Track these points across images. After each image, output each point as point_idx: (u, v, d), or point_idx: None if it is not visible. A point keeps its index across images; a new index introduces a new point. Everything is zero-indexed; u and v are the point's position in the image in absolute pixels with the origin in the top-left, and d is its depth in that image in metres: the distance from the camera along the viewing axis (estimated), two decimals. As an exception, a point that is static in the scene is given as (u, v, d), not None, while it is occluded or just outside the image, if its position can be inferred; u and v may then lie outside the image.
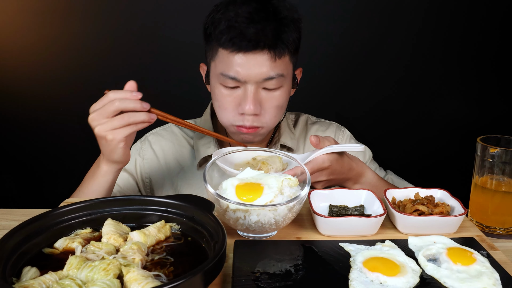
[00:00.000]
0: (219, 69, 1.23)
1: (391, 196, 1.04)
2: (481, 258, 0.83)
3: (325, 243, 0.90)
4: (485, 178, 1.05)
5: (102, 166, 1.15)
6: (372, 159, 1.49)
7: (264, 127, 1.28)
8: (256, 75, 1.20)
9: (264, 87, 1.23)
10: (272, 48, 1.19)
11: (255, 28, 1.16)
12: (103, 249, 0.77)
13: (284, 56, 1.22)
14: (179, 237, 0.84)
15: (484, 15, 2.22)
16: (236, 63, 1.19)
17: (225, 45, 1.19)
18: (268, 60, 1.19)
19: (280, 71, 1.22)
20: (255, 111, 1.22)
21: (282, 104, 1.28)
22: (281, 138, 1.42)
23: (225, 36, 1.18)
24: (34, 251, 0.78)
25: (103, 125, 1.06)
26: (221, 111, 1.28)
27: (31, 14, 2.15)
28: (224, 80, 1.23)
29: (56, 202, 1.11)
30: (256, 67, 1.19)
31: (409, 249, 0.88)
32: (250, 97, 1.21)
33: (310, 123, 1.52)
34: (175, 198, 0.88)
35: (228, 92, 1.24)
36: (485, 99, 2.33)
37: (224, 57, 1.21)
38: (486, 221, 1.05)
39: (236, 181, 0.93)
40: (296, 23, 1.24)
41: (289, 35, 1.22)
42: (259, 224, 0.88)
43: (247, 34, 1.16)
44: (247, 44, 1.17)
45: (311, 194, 1.01)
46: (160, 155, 1.43)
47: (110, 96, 1.06)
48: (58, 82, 2.23)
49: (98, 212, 0.87)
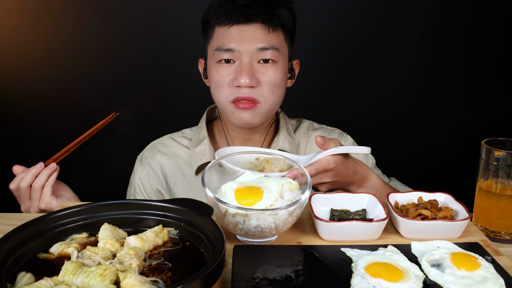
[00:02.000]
0: (215, 45, 1.30)
1: (394, 200, 1.04)
2: (486, 264, 0.83)
3: (327, 248, 0.90)
4: (490, 181, 1.05)
5: None
6: (375, 165, 1.49)
7: (262, 103, 1.31)
8: (250, 45, 1.27)
9: (259, 61, 1.28)
10: (266, 22, 1.28)
11: (248, 0, 1.26)
12: (99, 254, 0.77)
13: (277, 30, 1.30)
14: (177, 242, 0.84)
15: (491, 16, 2.22)
16: (231, 36, 1.27)
17: (220, 20, 1.28)
18: (262, 31, 1.27)
19: (275, 44, 1.29)
20: (251, 82, 1.27)
21: (279, 82, 1.31)
22: (279, 143, 1.43)
23: (219, 11, 1.28)
24: (29, 256, 0.78)
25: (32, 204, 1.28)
26: (217, 90, 1.32)
27: (25, 13, 2.15)
28: (220, 55, 1.29)
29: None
30: (250, 38, 1.27)
31: (412, 254, 0.88)
32: (245, 69, 1.26)
33: (312, 129, 1.53)
34: (173, 202, 0.88)
35: (224, 68, 1.29)
36: (490, 101, 2.33)
37: (220, 34, 1.29)
38: (491, 225, 1.05)
39: (235, 185, 0.93)
40: (288, 3, 1.33)
41: (282, 10, 1.30)
42: (259, 228, 0.88)
43: (240, 6, 1.26)
44: (240, 16, 1.26)
45: (312, 198, 1.01)
46: (156, 168, 1.47)
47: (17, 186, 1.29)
48: (53, 83, 2.23)
49: (94, 216, 0.87)
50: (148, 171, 1.48)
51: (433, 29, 2.22)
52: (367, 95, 2.29)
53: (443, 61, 2.27)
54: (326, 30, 2.19)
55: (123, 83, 2.21)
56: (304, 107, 1.64)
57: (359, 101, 2.30)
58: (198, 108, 1.54)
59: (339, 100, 2.30)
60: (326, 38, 2.20)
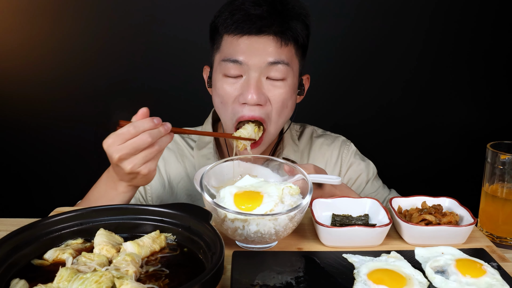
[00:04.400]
0: (222, 55, 1.24)
1: (397, 205, 1.04)
2: (491, 270, 0.83)
3: (328, 254, 0.90)
4: (496, 186, 1.05)
5: (120, 188, 1.12)
6: (376, 175, 1.48)
7: (266, 123, 1.25)
8: (260, 59, 1.20)
9: (268, 77, 1.23)
10: (278, 34, 1.21)
11: (261, 10, 1.19)
12: (95, 260, 0.77)
13: (289, 44, 1.23)
14: (175, 248, 0.84)
15: (495, 17, 2.23)
16: (240, 47, 1.21)
17: (229, 29, 1.21)
18: (273, 45, 1.21)
19: (285, 59, 1.22)
20: (258, 100, 1.21)
21: (287, 102, 1.26)
22: (284, 150, 1.42)
23: (229, 20, 1.21)
24: (23, 263, 0.78)
25: (135, 162, 1.03)
26: (222, 106, 1.27)
27: (19, 13, 2.16)
28: (226, 67, 1.22)
29: (46, 211, 1.12)
30: (260, 51, 1.20)
31: (416, 260, 0.88)
32: (253, 84, 1.21)
33: (315, 136, 1.51)
34: (171, 207, 0.88)
35: (231, 82, 1.24)
36: (495, 103, 2.33)
37: (228, 43, 1.23)
38: (497, 231, 1.05)
39: (234, 189, 0.93)
40: (303, 16, 1.26)
41: (296, 24, 1.23)
42: (259, 234, 0.88)
43: (252, 16, 1.19)
44: (251, 26, 1.19)
45: (313, 203, 1.02)
46: (160, 164, 1.45)
47: (137, 128, 1.02)
48: (48, 85, 2.24)
49: (89, 221, 0.87)
50: None
51: (436, 31, 2.23)
52: (369, 98, 2.30)
53: (446, 63, 2.28)
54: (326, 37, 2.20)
55: (120, 85, 2.21)
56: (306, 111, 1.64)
57: (362, 104, 2.30)
58: (196, 111, 1.54)
59: (341, 104, 2.31)
60: (329, 43, 2.20)
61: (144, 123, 1.02)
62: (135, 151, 1.02)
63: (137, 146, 1.01)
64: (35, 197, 2.34)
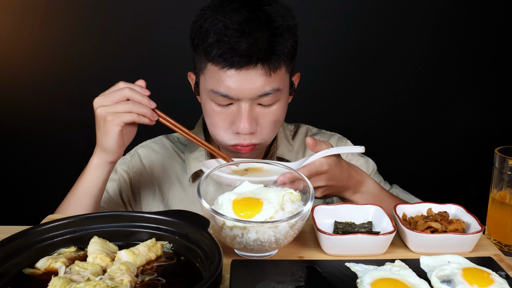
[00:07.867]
0: (209, 85, 1.22)
1: (402, 212, 1.04)
2: (500, 280, 0.83)
3: (330, 263, 0.90)
4: (504, 192, 1.05)
5: (93, 159, 1.22)
6: (376, 172, 1.49)
7: (262, 143, 1.28)
8: (250, 92, 1.19)
9: (259, 103, 1.23)
10: (266, 62, 1.18)
11: (247, 42, 1.15)
12: (88, 269, 0.77)
13: (279, 69, 1.21)
14: (171, 257, 0.84)
15: (502, 20, 2.23)
16: (227, 80, 1.18)
17: (215, 60, 1.18)
18: (263, 75, 1.18)
19: (276, 85, 1.21)
20: (251, 129, 1.22)
21: (280, 119, 1.28)
22: (277, 150, 1.43)
23: (215, 51, 1.17)
24: (14, 272, 0.78)
25: (106, 107, 1.16)
26: (214, 129, 1.28)
27: (9, 13, 2.16)
28: (215, 97, 1.22)
29: (38, 218, 1.11)
30: (249, 83, 1.18)
31: (421, 269, 0.88)
32: (244, 115, 1.21)
33: (310, 134, 1.53)
34: (167, 214, 0.88)
35: (221, 109, 1.23)
36: (504, 107, 2.33)
37: (214, 73, 1.20)
38: (505, 239, 1.05)
39: (233, 196, 0.93)
40: (291, 30, 1.23)
41: (284, 45, 1.20)
42: (258, 242, 0.88)
43: (238, 49, 1.15)
44: (239, 60, 1.16)
45: (314, 210, 1.02)
46: (149, 169, 1.45)
47: (120, 84, 1.18)
48: (39, 88, 2.24)
49: (83, 229, 0.87)
50: (138, 167, 1.44)
51: (442, 33, 2.23)
52: (372, 99, 2.30)
53: (452, 66, 2.28)
54: (326, 37, 2.21)
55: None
56: (303, 112, 1.65)
57: (364, 106, 2.31)
58: (190, 116, 1.53)
59: (342, 104, 2.31)
60: (327, 42, 2.21)
61: (130, 84, 1.18)
62: (111, 98, 1.16)
63: (115, 94, 1.16)
64: (26, 203, 2.34)
